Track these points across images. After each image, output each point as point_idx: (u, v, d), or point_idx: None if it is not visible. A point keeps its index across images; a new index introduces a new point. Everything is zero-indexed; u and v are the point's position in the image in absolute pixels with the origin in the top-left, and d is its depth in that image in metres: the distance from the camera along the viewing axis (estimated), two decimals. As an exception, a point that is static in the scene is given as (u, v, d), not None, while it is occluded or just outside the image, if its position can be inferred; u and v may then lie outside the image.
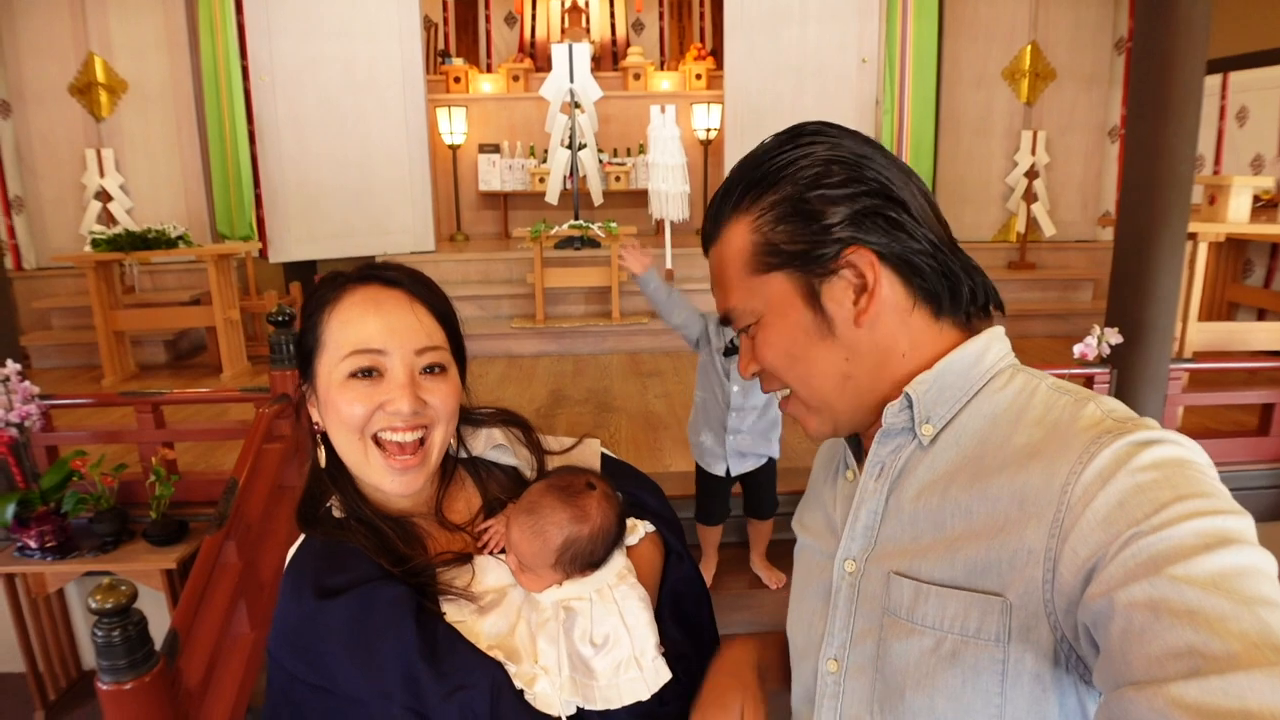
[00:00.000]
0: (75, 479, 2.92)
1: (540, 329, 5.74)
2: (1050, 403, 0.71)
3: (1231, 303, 5.46)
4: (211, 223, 6.39)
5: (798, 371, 0.79)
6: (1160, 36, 3.00)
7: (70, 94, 6.18)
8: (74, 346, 5.59)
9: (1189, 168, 3.07)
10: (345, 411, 0.90)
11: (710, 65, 8.36)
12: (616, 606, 0.95)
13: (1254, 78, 5.65)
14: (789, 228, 0.75)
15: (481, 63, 9.04)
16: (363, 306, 0.91)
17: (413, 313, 0.92)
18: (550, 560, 0.95)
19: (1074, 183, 7.00)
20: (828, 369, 0.78)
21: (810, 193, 0.75)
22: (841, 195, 0.74)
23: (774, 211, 0.76)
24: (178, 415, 4.06)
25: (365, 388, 0.89)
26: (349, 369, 0.89)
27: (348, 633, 0.87)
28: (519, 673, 0.89)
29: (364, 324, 0.90)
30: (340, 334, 0.90)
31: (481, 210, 8.35)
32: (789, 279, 0.76)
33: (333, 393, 0.90)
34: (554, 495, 0.98)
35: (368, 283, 0.93)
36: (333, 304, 0.92)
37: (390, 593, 0.89)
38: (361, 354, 0.89)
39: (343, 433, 0.92)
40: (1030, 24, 6.75)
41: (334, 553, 0.94)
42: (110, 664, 1.73)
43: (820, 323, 0.76)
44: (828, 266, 0.75)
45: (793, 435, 3.96)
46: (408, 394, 0.89)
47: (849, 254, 0.74)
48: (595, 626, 0.93)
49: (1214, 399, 3.67)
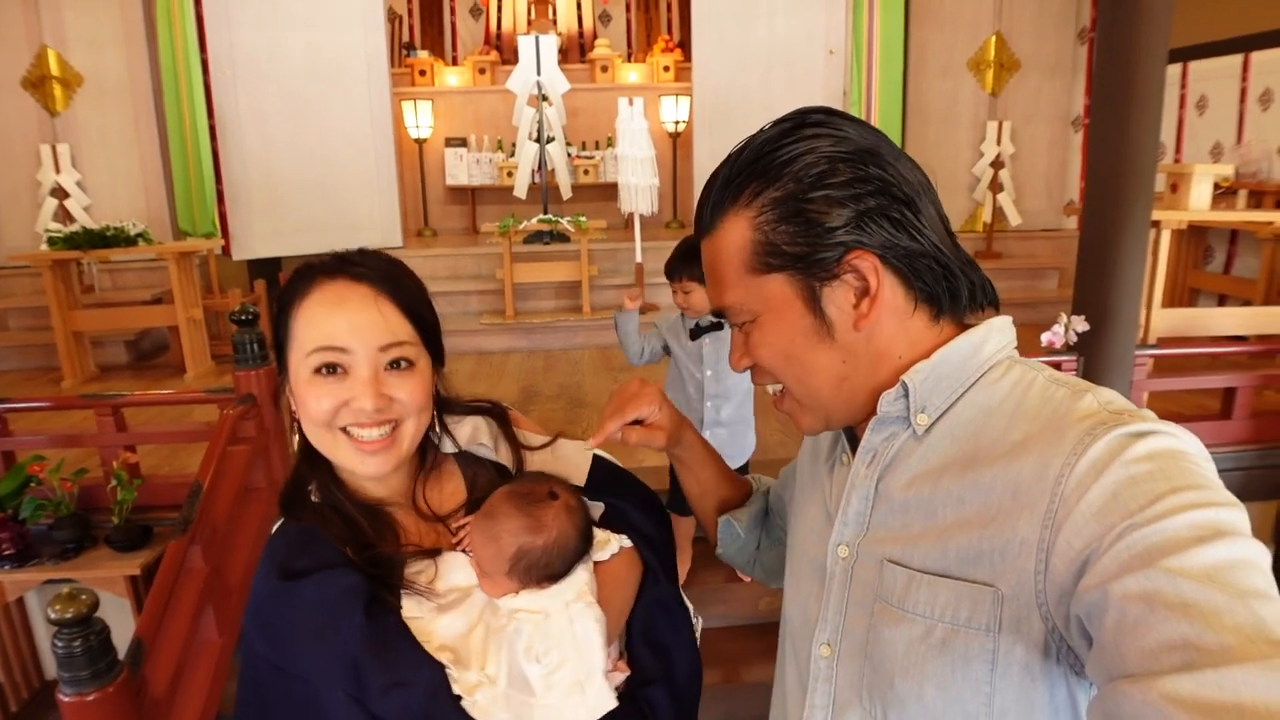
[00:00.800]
0: (33, 484, 2.84)
1: (510, 325, 5.70)
2: (1047, 395, 0.71)
3: (1193, 289, 5.57)
4: (172, 219, 6.26)
5: (794, 372, 0.78)
6: (1123, 26, 3.03)
7: (23, 87, 6.02)
8: (31, 348, 5.45)
9: (1152, 156, 3.11)
10: (312, 407, 0.90)
11: (678, 57, 8.33)
12: (570, 625, 0.91)
13: (1213, 67, 5.75)
14: (791, 229, 0.73)
15: (447, 55, 8.94)
16: (327, 305, 0.91)
17: (377, 309, 0.91)
18: (504, 568, 0.93)
19: (1039, 172, 7.09)
20: (825, 371, 0.77)
21: (814, 193, 0.72)
22: (845, 196, 0.72)
23: (775, 211, 0.74)
24: (140, 417, 3.97)
25: (330, 384, 0.90)
26: (313, 365, 0.90)
27: (303, 616, 0.89)
28: (461, 679, 0.87)
29: (327, 322, 0.90)
30: (305, 330, 0.91)
31: (449, 205, 8.27)
32: (789, 281, 0.75)
33: (300, 387, 0.92)
34: (512, 502, 0.95)
35: (335, 277, 0.92)
36: (301, 298, 0.92)
37: (346, 580, 0.90)
38: (324, 350, 0.89)
39: (310, 426, 0.93)
40: (995, 14, 6.81)
41: (304, 537, 0.96)
42: (72, 675, 1.69)
43: (820, 326, 0.75)
44: (830, 270, 0.73)
45: (766, 429, 3.97)
46: (370, 391, 0.89)
47: (851, 258, 0.73)
48: (542, 642, 0.89)
49: (1178, 384, 3.74)
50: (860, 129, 0.75)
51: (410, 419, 0.94)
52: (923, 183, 0.75)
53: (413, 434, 0.95)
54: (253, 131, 5.79)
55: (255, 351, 2.91)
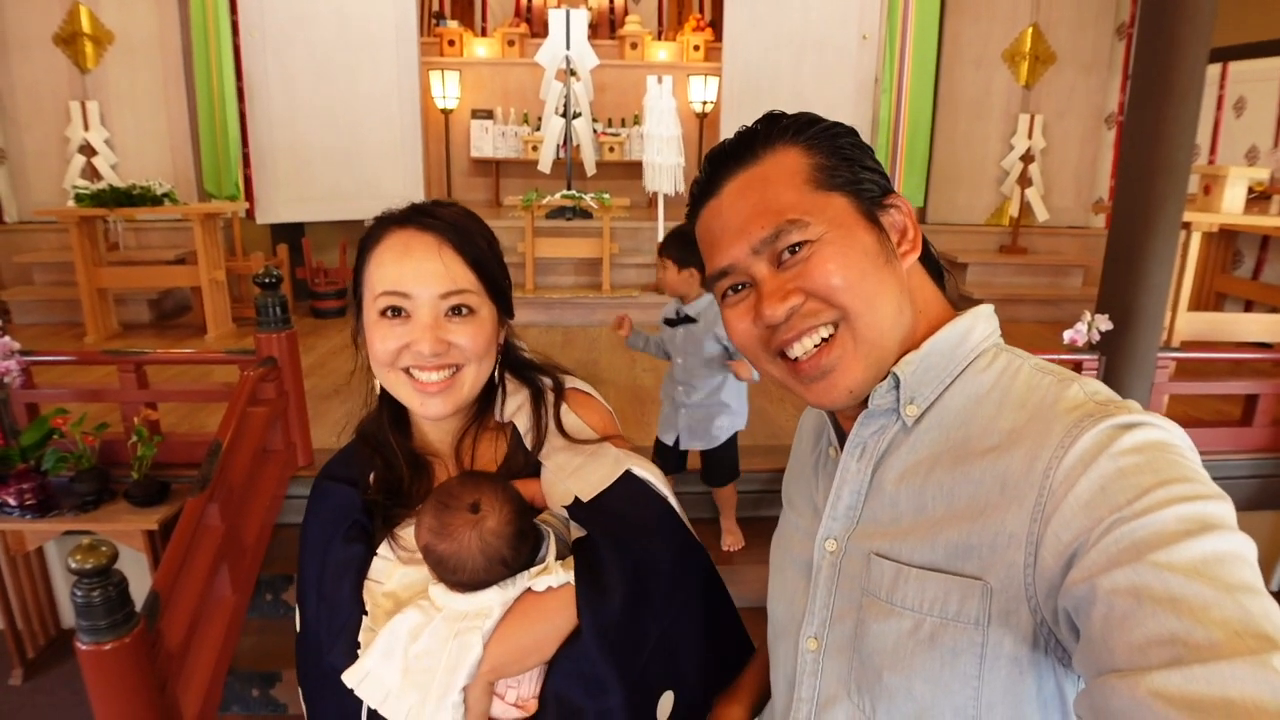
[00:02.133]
0: (56, 437, 2.88)
1: (529, 299, 5.71)
2: (1033, 384, 0.71)
3: (1219, 293, 5.49)
4: (198, 181, 6.29)
5: (865, 290, 0.73)
6: (1164, 23, 2.97)
7: (55, 44, 6.04)
8: (56, 303, 5.51)
9: (1187, 155, 3.06)
10: (378, 347, 0.96)
11: (709, 37, 8.25)
12: (451, 638, 0.87)
13: (1253, 68, 5.63)
14: (839, 161, 0.77)
15: (476, 26, 8.89)
16: (395, 252, 0.96)
17: (440, 258, 0.95)
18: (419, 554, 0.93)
19: (1069, 168, 6.99)
20: (892, 293, 0.75)
21: (846, 139, 0.79)
22: (866, 157, 0.79)
23: (827, 142, 0.78)
24: (161, 376, 4.01)
25: (394, 327, 0.95)
26: (379, 307, 0.96)
27: (311, 512, 1.08)
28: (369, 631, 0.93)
29: (394, 268, 0.95)
30: (375, 275, 0.97)
31: (473, 177, 8.26)
32: (850, 201, 0.76)
33: (369, 329, 0.98)
34: (436, 498, 0.92)
35: (404, 226, 0.97)
36: (374, 245, 0.98)
37: (344, 498, 1.04)
38: (389, 295, 0.95)
39: (377, 366, 0.99)
40: (1032, 6, 6.70)
41: (350, 454, 1.10)
42: (90, 624, 1.72)
43: (884, 246, 0.76)
44: (879, 202, 0.77)
45: (780, 413, 3.97)
46: (429, 335, 0.94)
47: (890, 198, 0.78)
48: (420, 641, 0.88)
49: (1199, 388, 3.70)
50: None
51: (470, 365, 0.98)
52: None
53: (473, 380, 0.99)
54: (280, 96, 5.79)
55: (277, 315, 2.93)
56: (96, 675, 1.76)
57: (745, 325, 0.78)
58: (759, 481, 3.30)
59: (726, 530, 3.10)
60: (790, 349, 0.76)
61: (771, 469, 3.31)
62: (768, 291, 0.75)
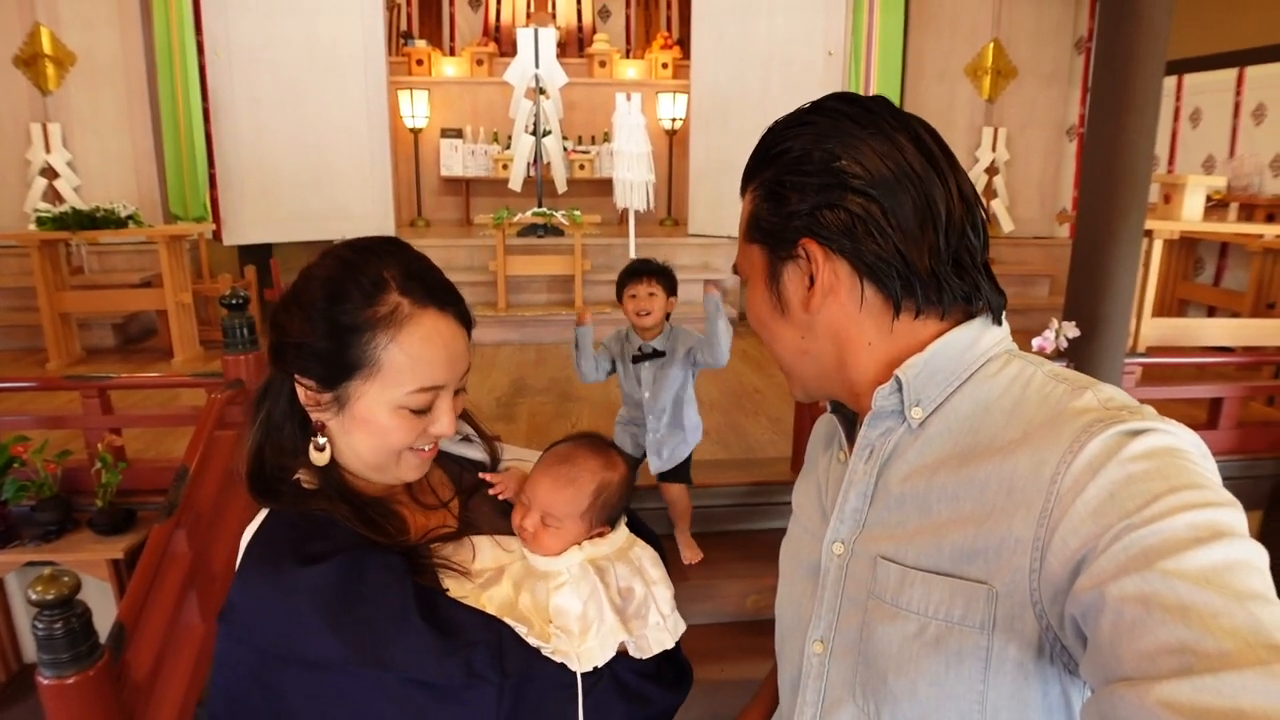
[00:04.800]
0: (16, 465, 2.81)
1: (502, 317, 5.68)
2: (1046, 391, 0.70)
3: (1182, 300, 5.61)
4: (164, 203, 6.21)
5: (766, 336, 0.85)
6: (1121, 36, 3.04)
7: (15, 65, 5.95)
8: (17, 329, 5.39)
9: (1147, 164, 3.12)
10: (393, 438, 0.88)
11: (677, 55, 8.33)
12: (634, 565, 1.00)
13: (1208, 80, 5.78)
14: (767, 207, 0.79)
15: (445, 45, 8.90)
16: (435, 343, 0.87)
17: (463, 340, 0.91)
18: (584, 506, 0.98)
19: (1033, 180, 7.12)
20: (785, 341, 0.82)
21: (785, 176, 0.76)
22: (808, 185, 0.74)
23: (762, 189, 0.80)
24: (126, 401, 3.93)
25: (417, 419, 0.88)
26: (413, 404, 0.87)
27: (335, 598, 0.83)
28: (532, 633, 0.90)
29: (435, 361, 0.87)
30: (406, 366, 0.86)
31: (443, 196, 8.24)
32: (761, 253, 0.81)
33: (378, 417, 0.87)
34: (583, 446, 1.04)
35: (444, 312, 0.89)
36: (399, 327, 0.85)
37: (382, 558, 0.87)
38: (426, 392, 0.87)
39: (376, 450, 0.90)
40: (993, 21, 6.84)
41: (311, 522, 0.89)
42: (52, 658, 1.67)
43: (774, 300, 0.80)
44: (789, 251, 0.77)
45: (755, 427, 3.97)
46: (452, 420, 0.91)
47: (804, 243, 0.75)
48: (620, 582, 0.98)
49: (1166, 393, 3.76)
50: (855, 124, 0.74)
51: None
52: (912, 175, 0.73)
53: None
54: (247, 116, 5.74)
55: (244, 336, 2.89)
56: (59, 710, 1.71)
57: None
58: (735, 495, 3.30)
59: (684, 545, 3.07)
60: None
61: (748, 482, 3.31)
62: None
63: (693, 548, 3.07)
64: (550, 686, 0.89)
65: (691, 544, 3.08)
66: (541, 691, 0.89)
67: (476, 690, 0.84)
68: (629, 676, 0.96)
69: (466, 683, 0.84)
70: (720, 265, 6.37)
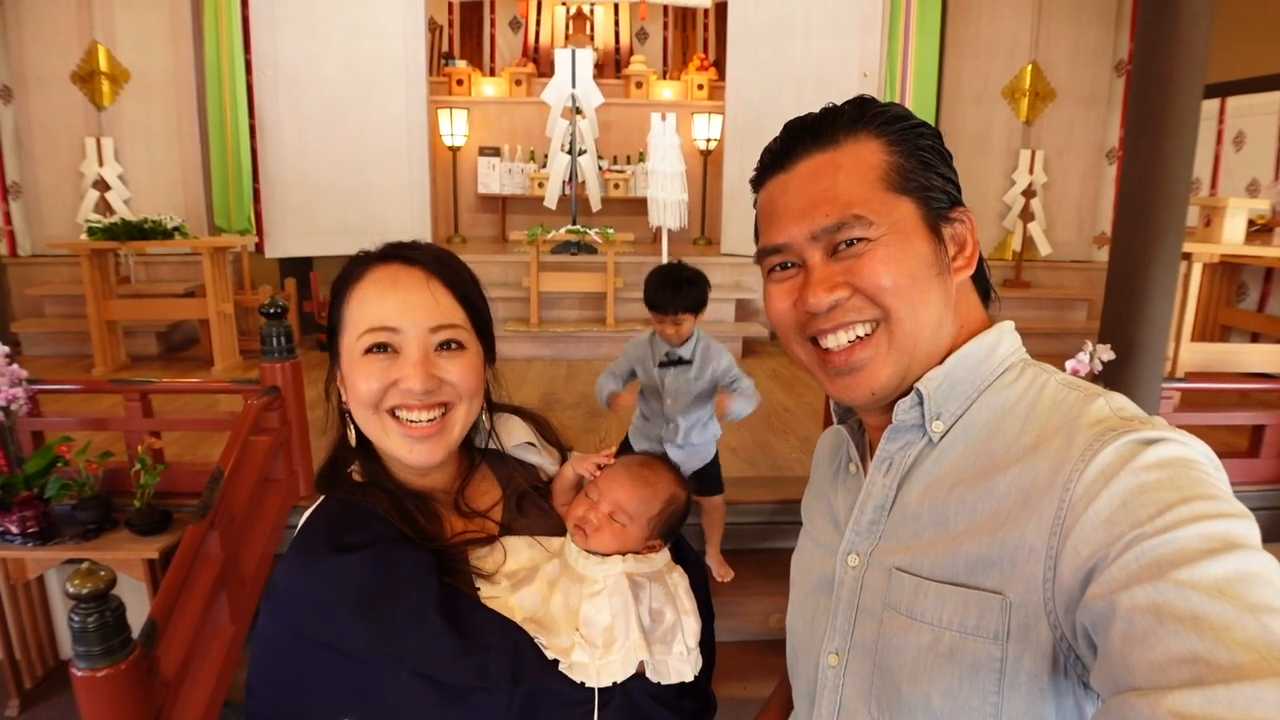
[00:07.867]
0: (60, 465, 2.89)
1: (534, 333, 5.73)
2: (1059, 399, 0.71)
3: (1225, 326, 5.48)
4: (209, 215, 6.38)
5: (911, 297, 0.74)
6: (1160, 59, 3.01)
7: (72, 81, 6.17)
8: (66, 335, 5.56)
9: (1185, 188, 3.08)
10: (361, 387, 0.90)
11: (712, 76, 8.38)
12: (669, 590, 0.99)
13: (1251, 103, 5.68)
14: (916, 164, 0.76)
15: (485, 66, 9.06)
16: (380, 285, 0.91)
17: (429, 290, 0.91)
18: (654, 510, 1.01)
19: (1071, 203, 7.03)
20: (936, 304, 0.75)
21: (925, 141, 0.78)
22: (938, 154, 0.78)
23: (909, 142, 0.77)
24: (167, 406, 4.03)
25: (380, 363, 0.89)
26: (364, 345, 0.90)
27: (362, 588, 0.87)
28: (552, 644, 0.90)
29: (380, 302, 0.90)
30: (359, 312, 0.91)
31: (479, 213, 8.35)
32: (917, 207, 0.76)
33: (352, 370, 0.91)
34: (662, 460, 1.09)
35: (389, 261, 0.93)
36: (354, 283, 0.93)
37: (412, 554, 0.90)
38: (376, 330, 0.89)
39: (360, 409, 0.92)
40: (1031, 44, 6.79)
41: (352, 513, 0.94)
42: (85, 650, 1.70)
43: (939, 258, 0.76)
44: (944, 213, 0.77)
45: (783, 445, 3.95)
46: (420, 371, 0.89)
47: (958, 211, 0.77)
48: (653, 603, 0.97)
49: (1205, 419, 3.67)
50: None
51: (461, 403, 0.93)
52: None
53: (463, 420, 0.94)
54: (291, 132, 5.89)
55: (282, 344, 2.95)
56: (91, 702, 1.75)
57: (785, 305, 0.80)
58: (762, 513, 3.28)
59: (714, 562, 3.05)
60: (825, 339, 0.77)
61: (775, 500, 3.29)
62: (816, 279, 0.76)
63: (724, 565, 3.06)
64: (562, 703, 0.88)
65: (722, 562, 3.07)
66: (552, 708, 0.88)
67: (486, 695, 0.85)
68: (643, 699, 0.93)
69: (476, 686, 0.85)
70: (752, 284, 6.36)
